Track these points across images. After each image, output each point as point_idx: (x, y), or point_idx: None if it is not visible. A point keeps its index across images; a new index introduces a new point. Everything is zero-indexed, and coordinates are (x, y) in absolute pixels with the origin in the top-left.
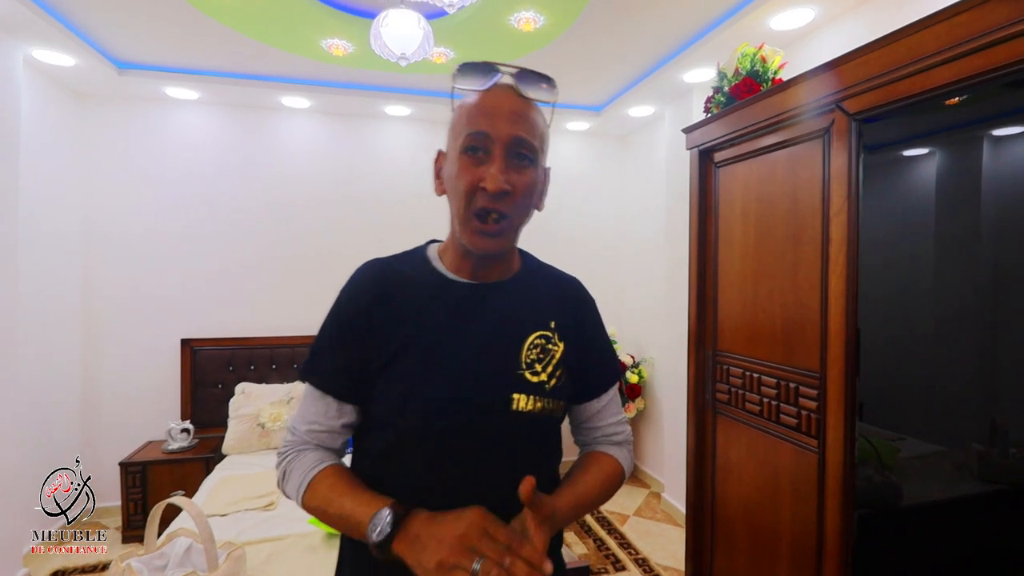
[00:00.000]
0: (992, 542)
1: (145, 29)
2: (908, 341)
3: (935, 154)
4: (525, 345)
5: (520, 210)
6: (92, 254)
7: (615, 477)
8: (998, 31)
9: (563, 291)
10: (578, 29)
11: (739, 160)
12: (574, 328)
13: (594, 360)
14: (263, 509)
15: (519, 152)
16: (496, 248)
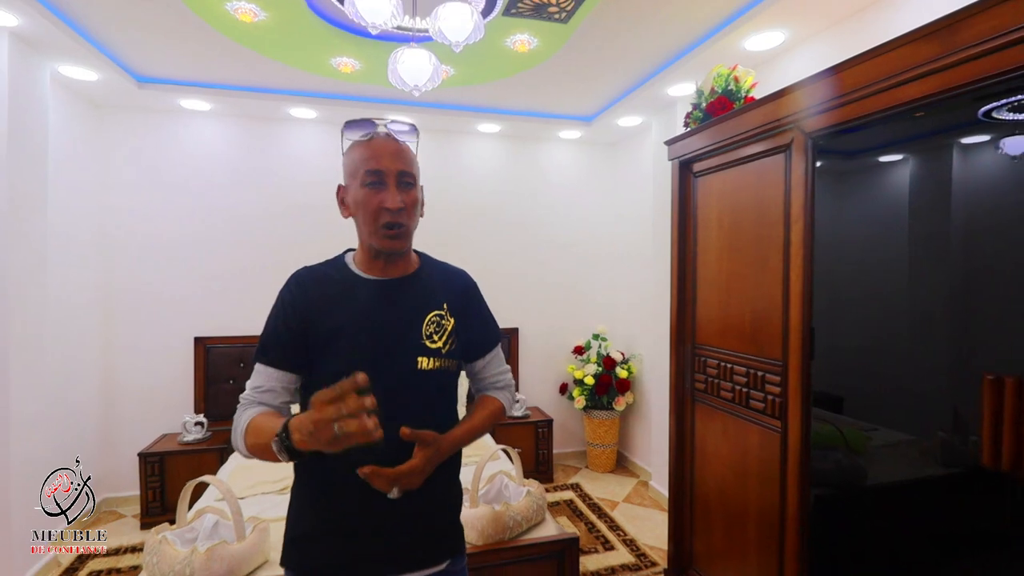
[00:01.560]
0: (949, 519)
1: (165, 46)
2: (884, 339)
3: (909, 160)
4: (425, 322)
5: (412, 219)
6: (109, 257)
7: (497, 412)
8: (925, 65)
9: (451, 280)
10: (569, 49)
11: (715, 171)
12: (461, 307)
13: (478, 330)
14: (278, 492)
15: (404, 180)
16: (400, 247)
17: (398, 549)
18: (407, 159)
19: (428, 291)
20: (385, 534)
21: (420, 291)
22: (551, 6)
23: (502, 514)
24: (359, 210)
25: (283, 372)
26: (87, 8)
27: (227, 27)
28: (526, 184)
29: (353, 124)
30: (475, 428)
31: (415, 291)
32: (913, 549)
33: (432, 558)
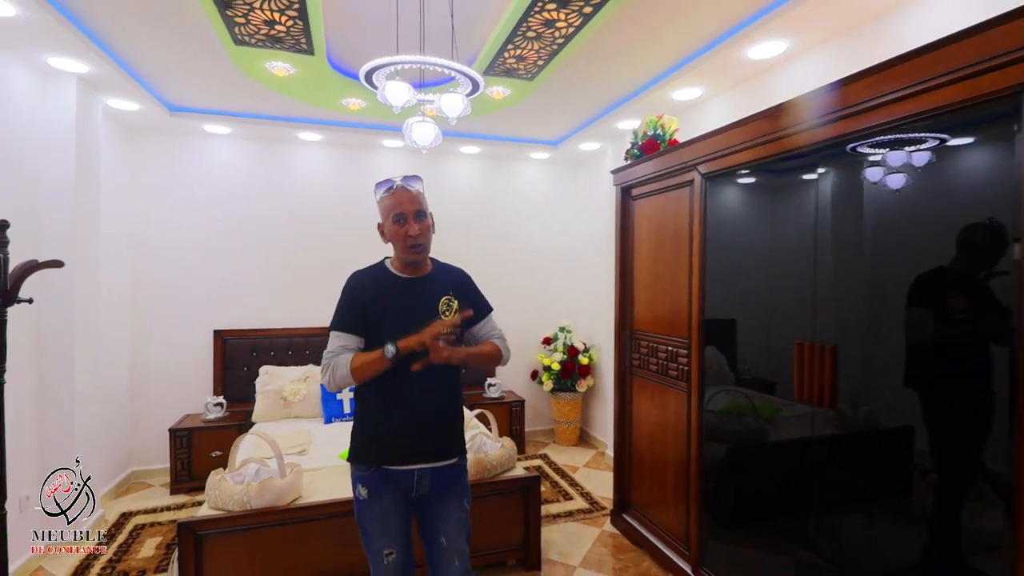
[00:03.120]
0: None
1: (199, 83)
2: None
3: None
4: (440, 303)
5: (427, 240)
6: (139, 260)
7: (496, 351)
8: (765, 136)
9: (453, 276)
10: (536, 96)
11: (647, 196)
12: (461, 293)
13: (474, 305)
14: (298, 454)
15: (418, 215)
16: (422, 258)
17: (426, 447)
18: (419, 201)
19: (439, 283)
20: (418, 437)
21: (434, 283)
22: (520, 70)
23: (482, 459)
24: (393, 238)
25: (353, 336)
26: (142, 54)
27: (261, 78)
28: (502, 198)
29: (381, 184)
30: (481, 350)
31: (431, 284)
32: (796, 487)
33: (447, 454)
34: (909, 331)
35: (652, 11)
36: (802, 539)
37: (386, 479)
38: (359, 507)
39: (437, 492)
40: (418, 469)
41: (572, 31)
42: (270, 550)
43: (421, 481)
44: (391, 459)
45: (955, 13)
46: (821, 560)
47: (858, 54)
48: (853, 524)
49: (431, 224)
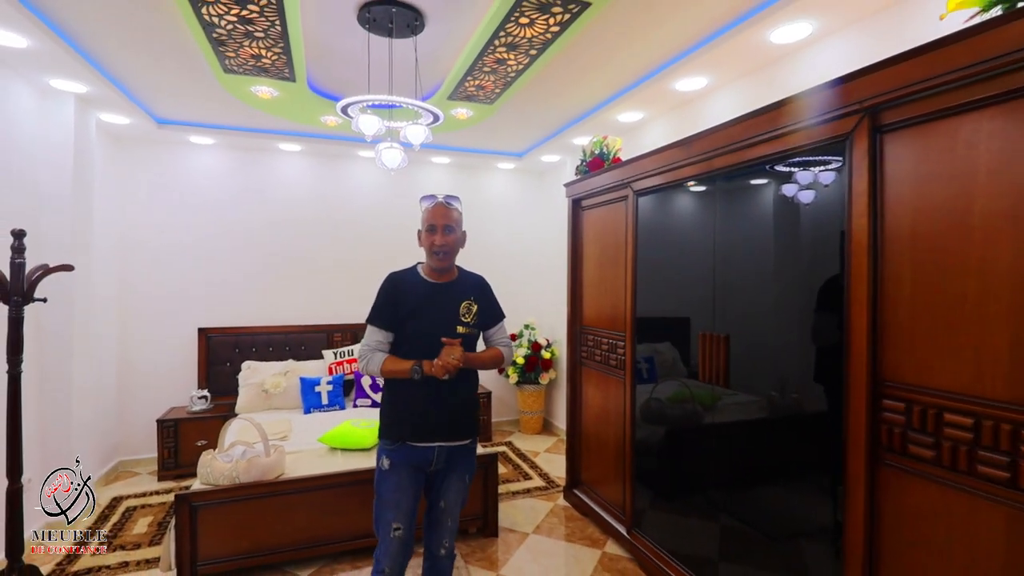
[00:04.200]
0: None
1: (186, 99)
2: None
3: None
4: (461, 307)
5: (452, 250)
6: (127, 262)
7: (498, 356)
8: (685, 160)
9: (475, 282)
10: (496, 117)
11: (593, 208)
12: (479, 298)
13: (489, 313)
14: (280, 439)
15: (447, 229)
16: (446, 264)
17: (446, 427)
18: (451, 216)
19: (462, 289)
20: (441, 419)
21: (458, 289)
22: (479, 96)
23: None
24: (425, 243)
25: (384, 331)
26: (137, 76)
27: (247, 99)
28: (472, 204)
29: (426, 198)
30: (484, 357)
31: (455, 289)
32: (726, 463)
33: (464, 434)
34: (814, 334)
35: (588, 52)
36: (728, 508)
37: (408, 453)
38: (380, 476)
39: (450, 466)
40: (438, 446)
41: (522, 67)
42: (257, 519)
43: (439, 457)
44: (417, 436)
45: (839, 56)
46: (742, 524)
47: (766, 90)
48: (772, 494)
49: (460, 239)
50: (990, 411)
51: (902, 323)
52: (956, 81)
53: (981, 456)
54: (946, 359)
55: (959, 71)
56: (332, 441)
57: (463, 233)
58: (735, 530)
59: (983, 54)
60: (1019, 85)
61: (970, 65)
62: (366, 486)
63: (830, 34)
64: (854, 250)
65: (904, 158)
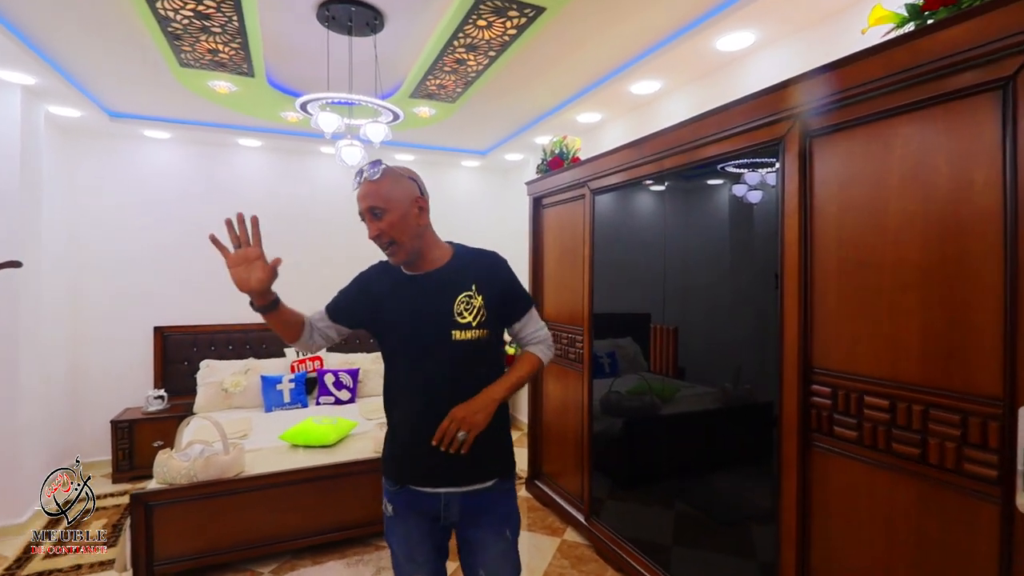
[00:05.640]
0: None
1: (141, 92)
2: (704, 324)
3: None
4: (455, 303)
5: (396, 237)
6: (79, 258)
7: (534, 363)
8: (643, 159)
9: (479, 262)
10: (458, 115)
11: (553, 206)
12: (488, 284)
13: (509, 300)
14: (240, 438)
15: (373, 211)
16: (399, 259)
17: (451, 466)
18: (373, 195)
19: (457, 277)
20: (441, 455)
21: (449, 279)
22: (441, 95)
23: None
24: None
25: (334, 324)
26: (87, 68)
27: (204, 93)
28: (437, 201)
29: (354, 179)
30: (512, 380)
31: (444, 279)
32: (680, 453)
33: (479, 475)
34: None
35: (547, 54)
36: (682, 495)
37: (411, 500)
38: (385, 522)
39: (471, 520)
40: (444, 493)
41: (482, 68)
42: (216, 517)
43: (449, 507)
44: (413, 478)
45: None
46: (695, 510)
47: (714, 95)
48: (723, 481)
49: (405, 219)
50: (904, 393)
51: (829, 314)
52: (874, 91)
53: (896, 435)
54: (866, 346)
55: (876, 81)
56: (293, 438)
57: (414, 207)
58: (689, 516)
59: (897, 66)
60: (930, 95)
61: (885, 76)
62: (327, 482)
63: (771, 43)
64: (786, 246)
65: (831, 161)
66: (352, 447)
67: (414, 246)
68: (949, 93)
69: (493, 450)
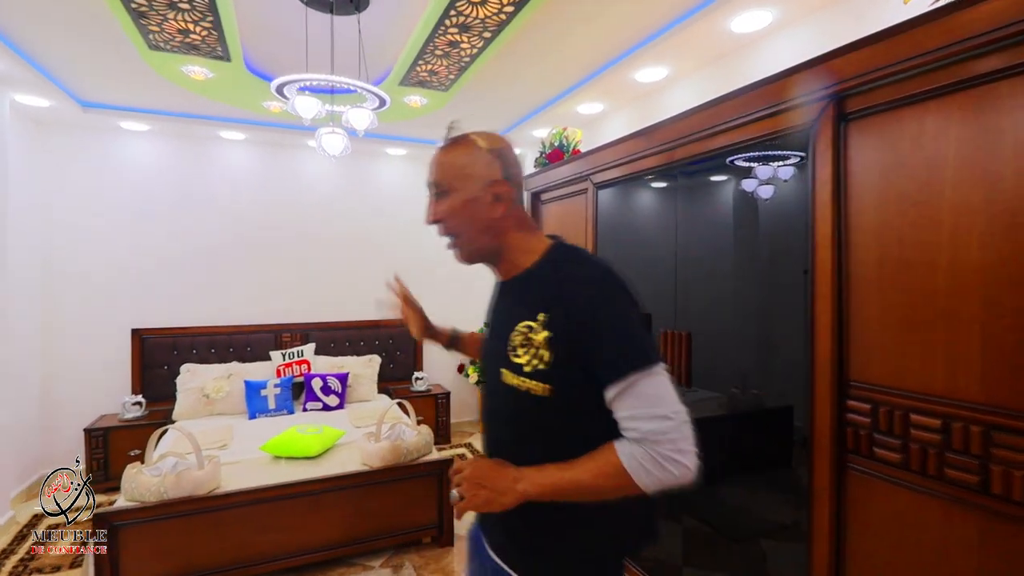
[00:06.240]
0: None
1: (112, 80)
2: (713, 327)
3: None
4: (512, 331)
5: (456, 229)
6: (51, 257)
7: (607, 468)
8: (647, 150)
9: (562, 287)
10: (452, 105)
11: (553, 201)
12: (574, 319)
13: (592, 353)
14: (219, 448)
15: (436, 192)
16: (461, 259)
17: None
18: (435, 167)
19: (528, 296)
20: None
21: (520, 295)
22: (433, 82)
23: (399, 445)
24: None
25: None
26: (52, 53)
27: (178, 80)
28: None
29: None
30: (561, 480)
31: (515, 295)
32: None
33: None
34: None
35: (545, 36)
36: (690, 508)
37: (475, 543)
38: None
39: None
40: (487, 547)
41: (477, 51)
42: (187, 538)
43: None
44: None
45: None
46: (705, 525)
47: (726, 82)
48: (735, 494)
49: (475, 200)
50: (960, 412)
51: (869, 320)
52: (924, 66)
53: (951, 460)
54: (914, 358)
55: (926, 55)
56: (275, 449)
57: (488, 193)
58: (698, 532)
59: (951, 37)
60: (990, 69)
61: (937, 49)
62: (310, 499)
63: (790, 24)
64: (818, 243)
65: (870, 147)
66: (338, 458)
67: (482, 244)
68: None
69: (529, 545)
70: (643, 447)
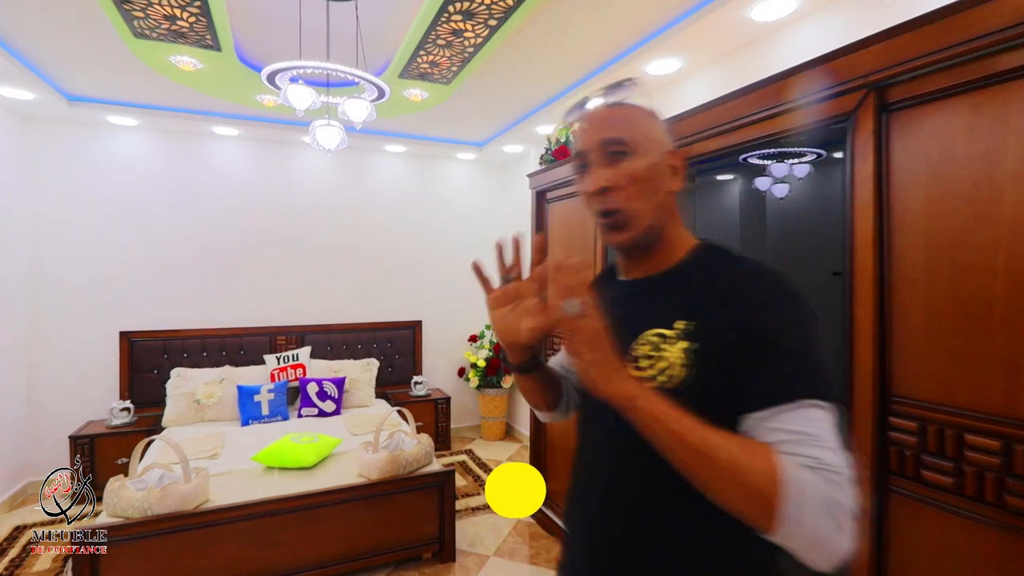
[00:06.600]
0: None
1: (98, 74)
2: None
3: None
4: (637, 339)
5: (635, 198)
6: (37, 256)
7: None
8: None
9: (720, 290)
10: (454, 100)
11: (558, 200)
12: (721, 331)
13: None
14: (209, 458)
15: (609, 150)
16: (623, 241)
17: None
18: (612, 124)
19: (660, 300)
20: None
21: (653, 298)
22: (434, 74)
23: (398, 456)
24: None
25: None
26: (34, 43)
27: (166, 71)
28: (430, 196)
29: (568, 111)
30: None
31: (646, 297)
32: None
33: None
34: None
35: (553, 28)
36: None
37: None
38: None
39: None
40: None
41: (481, 41)
42: (174, 557)
43: None
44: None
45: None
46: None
47: (744, 73)
48: None
49: (657, 167)
50: (1022, 433)
51: (916, 329)
52: (979, 50)
53: (1012, 486)
54: (970, 372)
55: (981, 38)
56: (268, 460)
57: (666, 164)
58: None
59: (1012, 18)
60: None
61: (996, 32)
62: (304, 513)
63: (817, 10)
64: (857, 244)
65: (916, 140)
66: (334, 469)
67: (650, 224)
68: None
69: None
70: (819, 477)
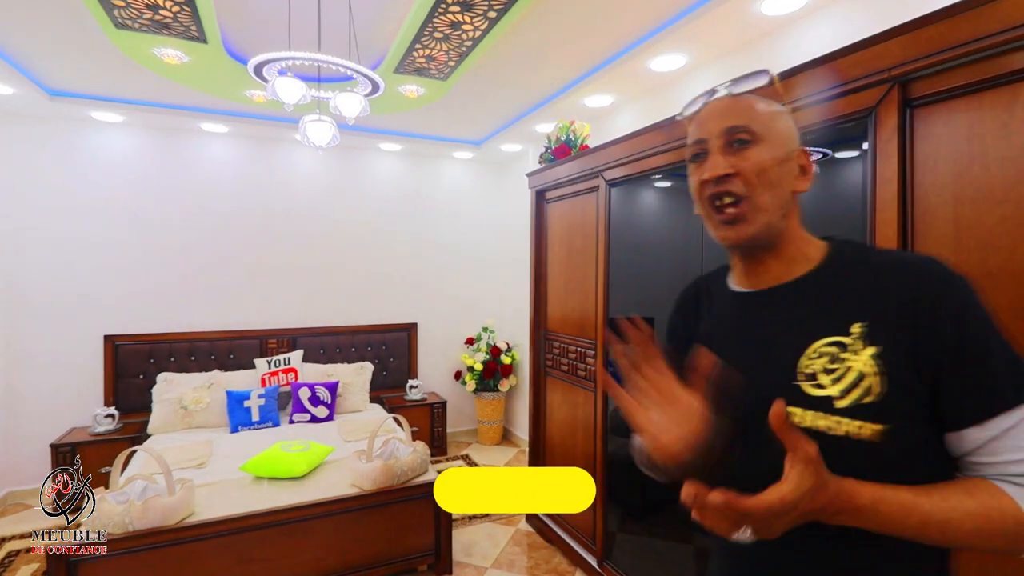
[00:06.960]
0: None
1: (79, 67)
2: None
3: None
4: (806, 353)
5: (758, 189)
6: (16, 257)
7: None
8: (662, 145)
9: (887, 283)
10: (450, 97)
11: (558, 200)
12: (910, 329)
13: (960, 372)
14: (196, 467)
15: (735, 138)
16: (739, 236)
17: None
18: (737, 112)
19: (822, 304)
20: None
21: (807, 305)
22: (431, 70)
23: (392, 465)
24: (694, 194)
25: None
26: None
27: (150, 64)
28: (426, 196)
29: (689, 104)
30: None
31: (795, 302)
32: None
33: None
34: None
35: (554, 21)
36: (701, 527)
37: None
38: None
39: None
40: None
41: (479, 34)
42: (156, 574)
43: None
44: None
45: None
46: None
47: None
48: None
49: (785, 161)
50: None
51: None
52: (1013, 42)
53: None
54: None
55: (1015, 29)
56: (256, 470)
57: (795, 162)
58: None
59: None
60: None
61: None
62: (294, 526)
63: (829, 3)
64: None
65: (941, 137)
66: (326, 479)
67: (772, 220)
68: None
69: None
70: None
